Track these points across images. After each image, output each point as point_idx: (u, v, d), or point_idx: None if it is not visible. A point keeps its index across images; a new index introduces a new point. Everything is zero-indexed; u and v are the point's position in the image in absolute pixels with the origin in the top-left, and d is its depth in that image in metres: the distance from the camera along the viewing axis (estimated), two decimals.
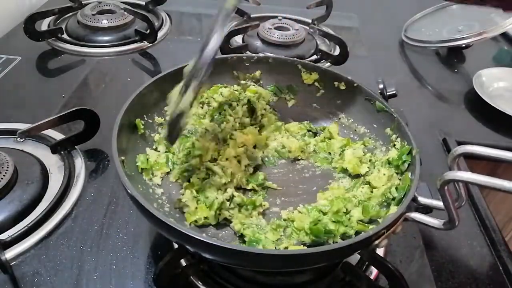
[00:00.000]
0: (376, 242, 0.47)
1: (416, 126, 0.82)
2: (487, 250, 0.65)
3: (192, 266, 0.53)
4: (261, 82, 0.77)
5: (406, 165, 0.59)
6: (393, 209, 0.53)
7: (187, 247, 0.46)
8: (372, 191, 0.60)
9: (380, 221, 0.54)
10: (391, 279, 0.51)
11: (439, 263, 0.61)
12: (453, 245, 0.65)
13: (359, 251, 0.49)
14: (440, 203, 0.47)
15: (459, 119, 0.95)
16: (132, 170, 0.57)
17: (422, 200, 0.52)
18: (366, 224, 0.55)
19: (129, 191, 0.47)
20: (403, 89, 0.77)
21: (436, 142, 0.86)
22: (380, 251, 0.60)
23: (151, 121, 0.66)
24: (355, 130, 0.72)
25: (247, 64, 0.75)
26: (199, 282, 0.54)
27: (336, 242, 0.53)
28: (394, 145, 0.63)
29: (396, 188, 0.57)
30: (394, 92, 0.75)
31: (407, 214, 0.49)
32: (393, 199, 0.57)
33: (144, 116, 0.65)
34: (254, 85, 0.76)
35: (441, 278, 0.60)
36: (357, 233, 0.55)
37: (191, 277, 0.54)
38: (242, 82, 0.76)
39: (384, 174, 0.60)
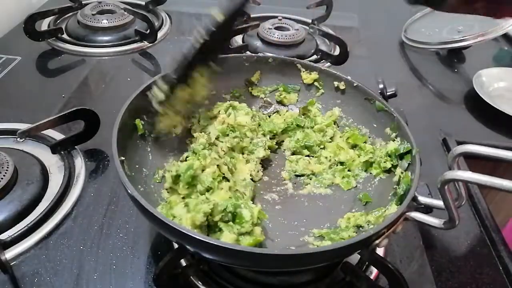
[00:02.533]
0: (377, 241, 0.47)
1: (416, 126, 0.82)
2: (487, 250, 0.65)
3: (192, 266, 0.53)
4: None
5: (406, 164, 0.59)
6: (394, 209, 0.53)
7: (187, 247, 0.46)
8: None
9: (381, 221, 0.54)
10: (391, 279, 0.51)
11: (439, 263, 0.61)
12: (453, 245, 0.65)
13: (359, 251, 0.49)
14: (440, 203, 0.47)
15: (459, 119, 0.95)
16: (132, 170, 0.57)
17: (422, 199, 0.52)
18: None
19: (129, 191, 0.47)
20: (403, 89, 0.77)
21: (436, 142, 0.86)
22: (380, 251, 0.60)
23: (151, 121, 0.66)
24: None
25: (246, 64, 0.75)
26: (199, 282, 0.54)
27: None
28: None
29: (398, 183, 0.58)
30: (394, 92, 0.75)
31: (407, 213, 0.49)
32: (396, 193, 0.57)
33: (144, 116, 0.65)
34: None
35: (441, 278, 0.60)
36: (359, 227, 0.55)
37: (191, 277, 0.54)
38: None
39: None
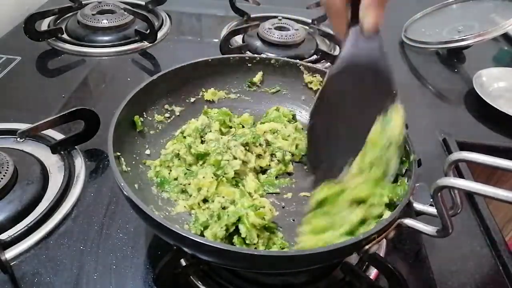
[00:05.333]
0: (366, 247, 0.46)
1: (416, 126, 0.82)
2: (487, 250, 0.65)
3: (192, 266, 0.53)
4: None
5: (403, 170, 0.58)
6: (387, 214, 0.53)
7: (184, 248, 0.46)
8: None
9: (372, 226, 0.53)
10: (391, 279, 0.51)
11: (439, 263, 0.61)
12: (453, 245, 0.65)
13: (348, 256, 0.48)
14: (435, 210, 0.45)
15: (459, 119, 0.95)
16: (128, 166, 0.57)
17: (417, 206, 0.51)
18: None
19: (121, 185, 0.47)
20: (403, 89, 0.76)
21: (436, 142, 0.86)
22: (380, 251, 0.60)
23: (150, 119, 0.67)
24: None
25: (249, 65, 0.75)
26: (199, 282, 0.54)
27: None
28: None
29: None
30: (394, 92, 0.75)
31: (400, 220, 0.48)
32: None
33: (144, 113, 0.65)
34: None
35: (441, 278, 0.60)
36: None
37: (191, 277, 0.54)
38: None
39: None
